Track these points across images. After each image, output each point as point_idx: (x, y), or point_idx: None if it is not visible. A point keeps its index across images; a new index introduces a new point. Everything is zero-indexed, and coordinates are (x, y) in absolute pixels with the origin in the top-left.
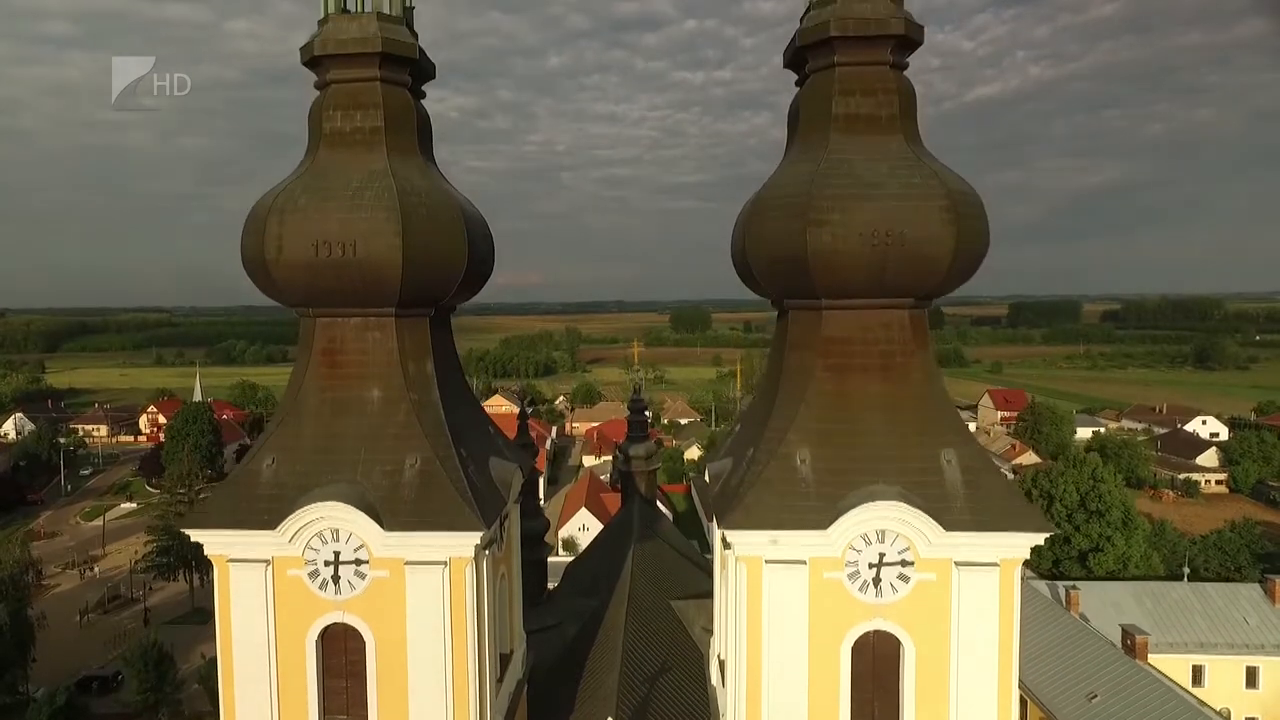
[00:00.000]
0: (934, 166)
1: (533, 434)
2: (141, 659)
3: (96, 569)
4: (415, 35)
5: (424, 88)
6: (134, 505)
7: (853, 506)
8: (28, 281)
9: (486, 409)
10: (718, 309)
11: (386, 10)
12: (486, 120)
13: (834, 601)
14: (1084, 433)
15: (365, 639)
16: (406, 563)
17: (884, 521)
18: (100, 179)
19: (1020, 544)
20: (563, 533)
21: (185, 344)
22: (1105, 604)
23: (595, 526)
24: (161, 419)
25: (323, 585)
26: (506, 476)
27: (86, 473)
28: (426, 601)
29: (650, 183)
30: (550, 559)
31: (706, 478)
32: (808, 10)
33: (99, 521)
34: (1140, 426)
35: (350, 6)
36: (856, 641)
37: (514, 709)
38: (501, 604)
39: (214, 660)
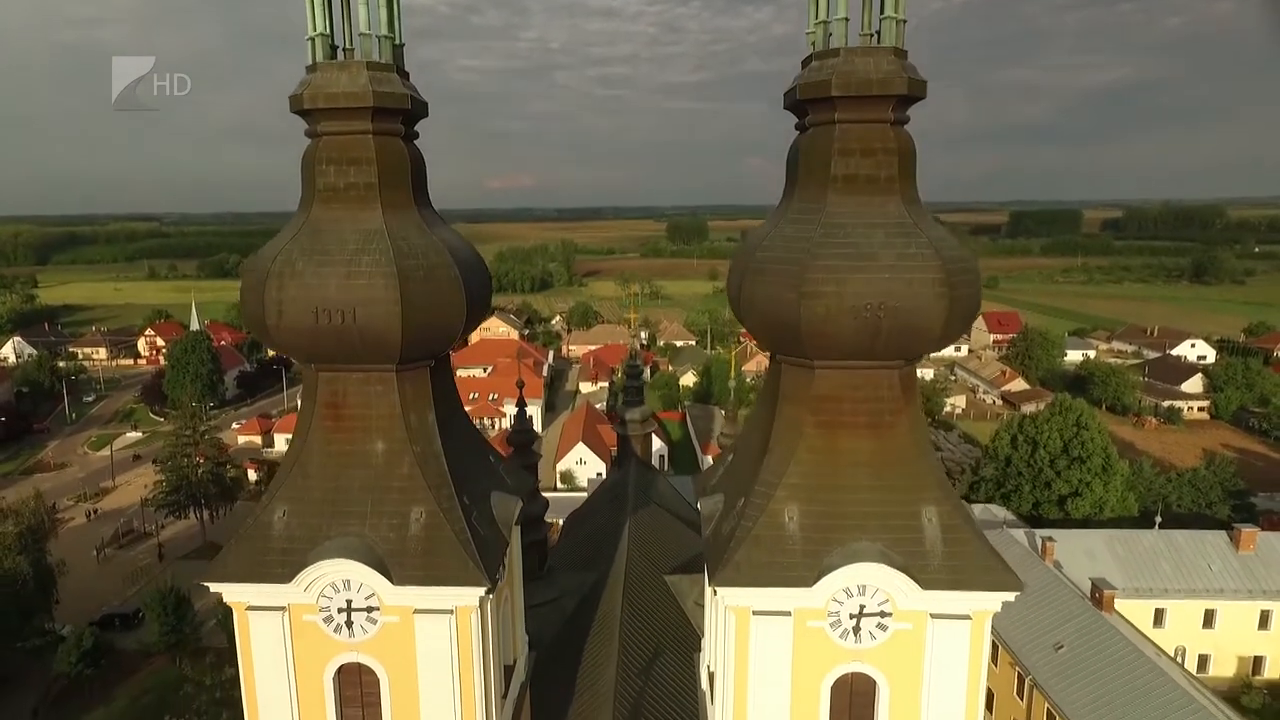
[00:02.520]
0: (929, 233)
1: (529, 361)
2: (160, 603)
3: (99, 509)
4: (406, 75)
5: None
6: (140, 434)
7: (837, 566)
8: (11, 187)
9: (483, 332)
10: (715, 215)
11: (376, 56)
12: (478, 15)
13: (816, 646)
14: (1074, 355)
15: (379, 676)
16: (415, 610)
17: (865, 578)
18: (78, 79)
19: (992, 600)
20: (560, 466)
21: (177, 255)
22: (1079, 552)
23: (592, 460)
24: (160, 341)
25: (336, 629)
26: (508, 514)
27: (89, 399)
28: (435, 644)
29: (648, 81)
30: (548, 494)
31: (700, 509)
32: (810, 59)
33: (106, 451)
34: (1130, 349)
35: (338, 41)
36: (835, 681)
37: (518, 712)
38: (505, 622)
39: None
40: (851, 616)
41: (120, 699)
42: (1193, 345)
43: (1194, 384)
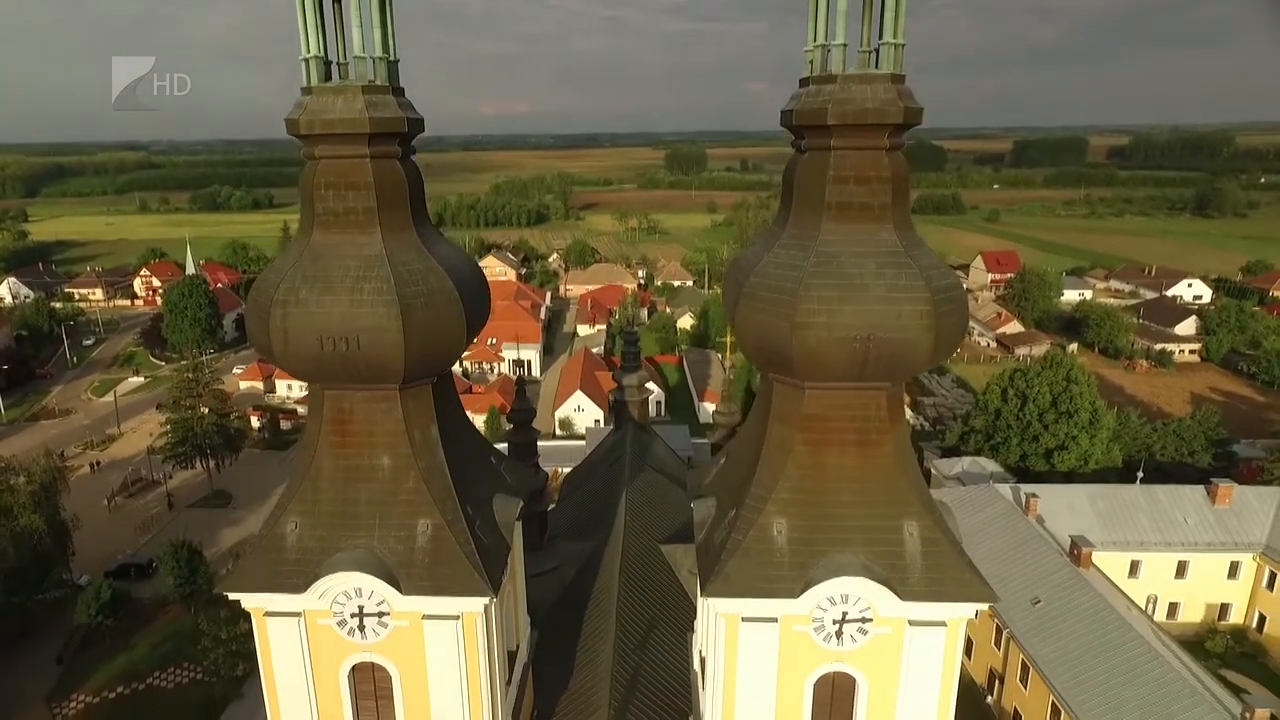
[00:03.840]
0: (920, 263)
1: (526, 303)
2: (174, 556)
3: (101, 462)
4: (401, 91)
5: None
6: (142, 379)
7: (821, 579)
8: None
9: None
10: (714, 142)
11: (372, 77)
12: None
13: (801, 649)
14: (1071, 295)
15: (391, 673)
16: (424, 616)
17: (848, 590)
18: None
19: (967, 609)
20: (559, 413)
21: (168, 188)
22: (1061, 507)
23: (590, 407)
24: (156, 282)
25: (350, 632)
26: (509, 517)
27: (89, 343)
28: (443, 646)
29: (647, 1)
30: (547, 443)
31: (693, 510)
32: (806, 81)
33: (110, 397)
34: (1128, 289)
35: (332, 56)
36: (818, 679)
37: (521, 692)
38: (507, 613)
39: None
40: (835, 622)
41: (140, 647)
42: (1190, 285)
43: (1187, 326)
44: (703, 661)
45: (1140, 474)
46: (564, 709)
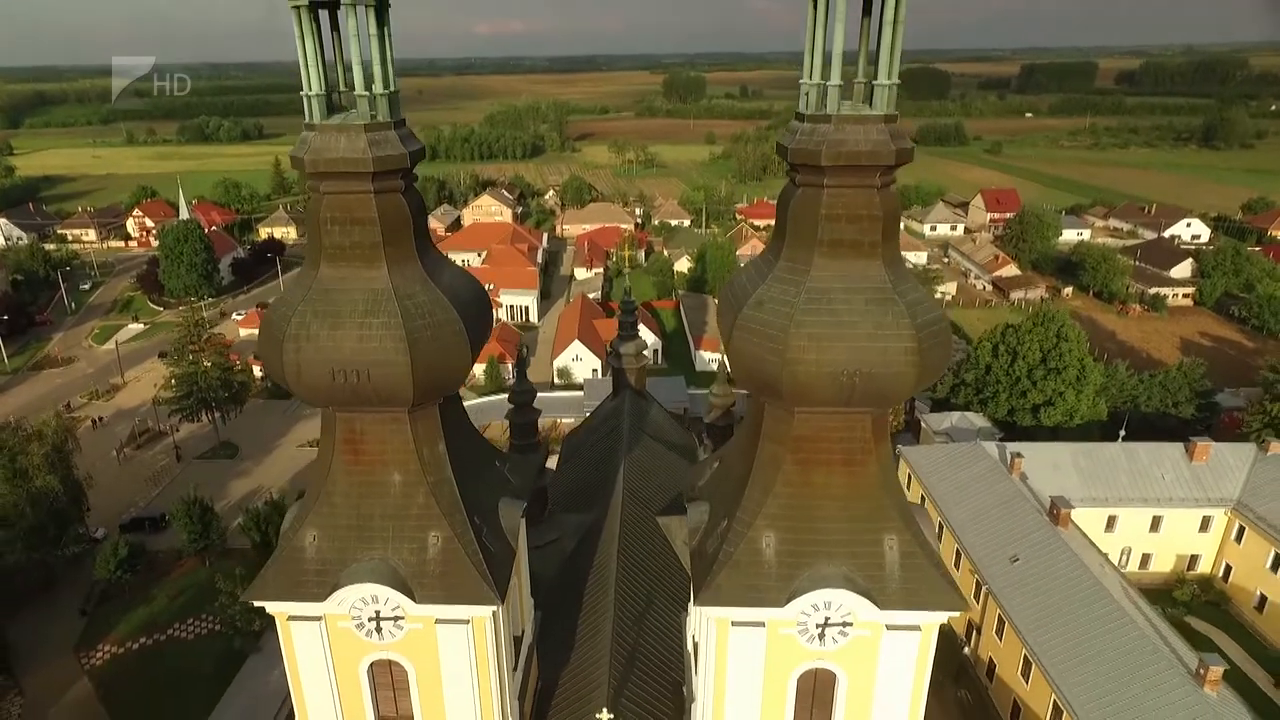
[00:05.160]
0: (906, 299)
1: (524, 247)
2: (186, 512)
3: (104, 417)
4: (403, 121)
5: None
6: (142, 326)
7: (806, 590)
8: None
9: (475, 211)
10: (714, 65)
11: (371, 112)
12: None
13: (786, 649)
14: (1069, 235)
15: (407, 669)
16: (436, 620)
17: (831, 599)
18: None
19: (940, 616)
20: (557, 363)
21: (154, 117)
22: (1045, 465)
23: (588, 356)
24: (149, 222)
25: (368, 634)
26: (514, 522)
27: (85, 287)
28: (455, 647)
29: None
30: (546, 394)
31: (688, 514)
32: (802, 117)
33: (111, 345)
34: (1126, 227)
35: (335, 88)
36: (801, 675)
37: (527, 672)
38: (513, 606)
39: (250, 506)
40: (818, 626)
41: (159, 599)
42: (1189, 225)
43: (1183, 269)
44: (695, 645)
45: (1123, 431)
46: (566, 683)
